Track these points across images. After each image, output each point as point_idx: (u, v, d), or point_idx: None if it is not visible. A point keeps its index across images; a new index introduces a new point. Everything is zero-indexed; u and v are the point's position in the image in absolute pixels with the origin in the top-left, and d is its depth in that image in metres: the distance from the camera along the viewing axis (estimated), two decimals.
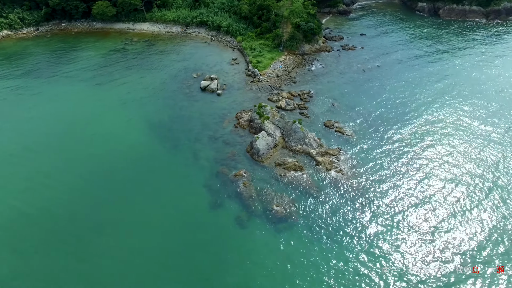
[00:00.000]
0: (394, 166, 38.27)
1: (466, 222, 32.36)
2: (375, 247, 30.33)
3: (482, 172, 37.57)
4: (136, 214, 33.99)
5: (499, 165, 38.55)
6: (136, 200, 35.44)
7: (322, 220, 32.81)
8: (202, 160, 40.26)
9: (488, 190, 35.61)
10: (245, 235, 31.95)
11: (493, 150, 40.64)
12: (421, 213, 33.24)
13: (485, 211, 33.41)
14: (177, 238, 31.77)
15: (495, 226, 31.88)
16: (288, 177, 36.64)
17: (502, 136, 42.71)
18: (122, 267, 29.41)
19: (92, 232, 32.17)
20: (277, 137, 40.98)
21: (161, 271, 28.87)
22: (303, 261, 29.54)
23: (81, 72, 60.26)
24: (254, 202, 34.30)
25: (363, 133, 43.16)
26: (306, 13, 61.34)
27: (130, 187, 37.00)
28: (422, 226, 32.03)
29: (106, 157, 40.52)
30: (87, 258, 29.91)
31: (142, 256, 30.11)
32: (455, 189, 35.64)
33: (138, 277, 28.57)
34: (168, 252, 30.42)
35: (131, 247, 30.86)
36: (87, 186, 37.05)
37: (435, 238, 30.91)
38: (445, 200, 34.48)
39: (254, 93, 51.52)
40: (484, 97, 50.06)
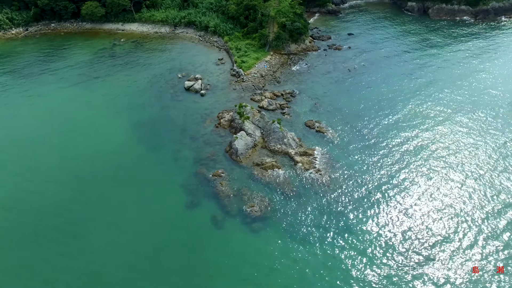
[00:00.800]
0: (374, 167, 38.15)
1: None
2: (352, 246, 30.29)
3: (471, 167, 37.68)
4: (112, 213, 34.03)
5: (488, 158, 38.81)
6: (114, 199, 35.49)
7: (297, 219, 32.81)
8: (182, 160, 40.31)
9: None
10: (220, 235, 31.94)
11: (478, 142, 41.09)
12: (399, 213, 33.29)
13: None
14: (151, 237, 31.75)
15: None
16: (265, 177, 36.63)
17: (482, 129, 43.04)
18: (97, 265, 29.39)
19: (69, 230, 32.17)
20: (256, 137, 41.00)
21: (134, 270, 28.86)
22: (278, 261, 29.52)
23: (67, 72, 60.30)
24: (230, 202, 34.32)
25: (344, 133, 43.14)
26: (292, 13, 61.33)
27: (109, 186, 37.04)
28: (404, 225, 32.08)
29: (87, 156, 40.59)
30: (64, 255, 29.98)
31: (115, 255, 30.08)
32: (443, 188, 35.56)
33: (111, 275, 28.57)
34: (141, 251, 30.38)
35: (106, 246, 30.83)
36: (65, 183, 37.16)
37: (423, 238, 30.89)
38: (431, 200, 34.45)
39: (238, 93, 51.54)
40: (467, 94, 50.13)
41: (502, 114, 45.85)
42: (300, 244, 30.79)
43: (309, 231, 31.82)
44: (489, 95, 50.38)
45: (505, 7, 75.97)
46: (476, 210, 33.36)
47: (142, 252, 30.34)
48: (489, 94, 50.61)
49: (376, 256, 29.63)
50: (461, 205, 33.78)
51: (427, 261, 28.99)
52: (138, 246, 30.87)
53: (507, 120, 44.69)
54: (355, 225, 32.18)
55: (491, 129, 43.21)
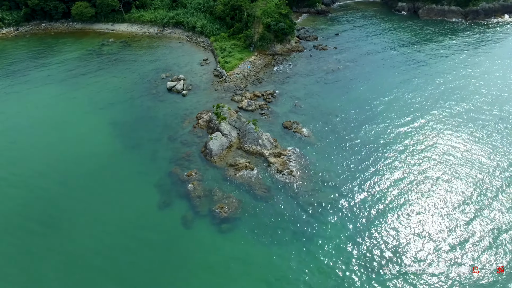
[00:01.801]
0: (349, 169, 38.06)
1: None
2: (321, 250, 30.15)
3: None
4: (86, 211, 34.27)
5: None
6: (88, 197, 35.78)
7: (266, 221, 32.84)
8: (159, 160, 40.53)
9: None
10: (189, 235, 32.11)
11: (456, 134, 41.94)
12: (374, 215, 33.11)
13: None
14: (122, 236, 31.91)
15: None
16: (238, 177, 36.76)
17: (460, 123, 43.53)
18: (66, 263, 29.62)
19: (41, 229, 32.47)
20: (232, 137, 41.14)
21: (101, 267, 29.10)
22: (244, 261, 29.63)
23: (54, 71, 60.80)
24: (201, 203, 34.46)
25: (321, 134, 43.13)
26: (278, 13, 61.36)
27: (85, 184, 37.33)
28: (379, 226, 32.04)
29: (65, 154, 41.05)
30: (32, 254, 30.29)
31: (84, 254, 30.28)
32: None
33: (80, 271, 28.89)
34: (110, 250, 30.57)
35: (76, 244, 31.13)
36: (39, 182, 37.43)
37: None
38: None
39: (219, 93, 51.70)
40: (453, 96, 50.01)
41: (477, 108, 46.23)
42: (266, 246, 30.80)
43: (277, 233, 31.81)
44: (470, 91, 50.55)
45: (495, 8, 75.57)
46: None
47: (111, 250, 30.56)
48: (470, 91, 50.75)
49: (348, 260, 29.32)
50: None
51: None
52: (107, 243, 31.09)
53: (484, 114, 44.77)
54: (325, 228, 32.04)
55: (469, 124, 43.55)
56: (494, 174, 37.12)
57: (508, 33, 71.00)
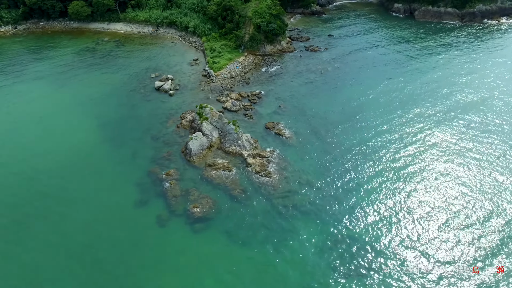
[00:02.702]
0: (327, 171, 37.88)
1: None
2: (294, 251, 30.06)
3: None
4: (64, 207, 34.70)
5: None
6: (68, 194, 36.20)
7: (240, 222, 32.92)
8: (140, 158, 40.86)
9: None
10: (163, 234, 32.32)
11: (443, 138, 41.94)
12: (353, 217, 32.97)
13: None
14: (97, 233, 32.24)
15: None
16: (215, 178, 36.91)
17: (442, 126, 43.20)
18: (40, 254, 30.14)
19: (11, 225, 32.88)
20: (213, 138, 41.31)
21: (74, 262, 29.43)
22: (215, 261, 29.73)
23: (46, 69, 61.69)
24: (176, 202, 34.67)
25: (303, 136, 43.05)
26: (269, 14, 61.36)
27: (66, 181, 37.77)
28: (357, 228, 31.98)
29: (45, 152, 41.55)
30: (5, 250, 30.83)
31: (58, 247, 30.69)
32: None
33: (51, 266, 29.30)
34: (81, 247, 30.83)
35: (52, 238, 31.55)
36: (14, 178, 37.96)
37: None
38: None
39: (205, 93, 51.92)
40: (438, 101, 49.55)
41: (460, 107, 45.66)
42: (238, 247, 30.89)
43: (250, 234, 31.85)
44: (461, 95, 49.99)
45: (492, 10, 74.50)
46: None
47: (82, 247, 30.82)
48: (461, 95, 50.18)
49: (318, 263, 29.12)
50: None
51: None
52: (78, 240, 31.38)
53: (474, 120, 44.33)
54: (298, 230, 31.89)
55: (452, 123, 43.19)
56: (484, 169, 37.22)
57: (505, 35, 70.03)
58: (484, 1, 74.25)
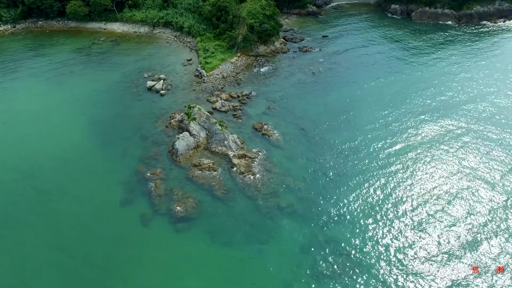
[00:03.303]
0: (313, 173, 37.78)
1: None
2: (275, 252, 30.14)
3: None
4: (50, 204, 35.22)
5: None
6: (55, 192, 36.69)
7: (222, 221, 33.11)
8: (128, 157, 41.24)
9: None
10: (145, 233, 32.63)
11: (427, 138, 41.78)
12: (336, 218, 32.99)
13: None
14: (78, 231, 32.63)
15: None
16: (200, 178, 37.14)
17: (427, 131, 42.55)
18: (24, 249, 30.74)
19: (4, 221, 33.50)
20: (201, 138, 41.55)
21: (53, 262, 29.80)
22: (195, 261, 29.96)
23: (41, 68, 62.43)
24: (160, 201, 34.98)
25: (291, 137, 43.06)
26: (262, 14, 61.46)
27: (54, 179, 38.30)
28: (339, 230, 31.93)
29: (39, 150, 42.13)
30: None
31: (42, 243, 31.19)
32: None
33: (29, 267, 29.59)
34: (65, 244, 31.29)
35: (36, 233, 32.13)
36: (11, 176, 38.60)
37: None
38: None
39: (196, 94, 52.18)
40: (428, 102, 49.25)
41: (450, 109, 45.36)
42: (219, 247, 31.00)
43: (231, 234, 31.99)
44: (454, 100, 49.64)
45: (489, 11, 73.84)
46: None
47: (65, 243, 31.28)
48: (454, 100, 49.84)
49: (298, 265, 29.13)
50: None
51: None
52: (62, 237, 31.88)
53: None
54: (280, 232, 31.92)
55: (441, 127, 42.97)
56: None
57: (502, 37, 69.38)
58: (481, 3, 73.65)
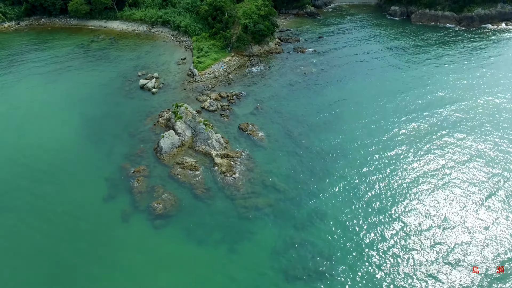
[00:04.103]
0: (294, 174, 37.80)
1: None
2: (247, 251, 30.55)
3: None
4: (34, 199, 36.07)
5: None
6: (40, 187, 37.60)
7: (200, 220, 33.57)
8: (115, 154, 42.00)
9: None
10: (124, 228, 33.31)
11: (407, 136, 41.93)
12: (315, 219, 33.06)
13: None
14: (63, 226, 33.46)
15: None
16: (182, 176, 37.63)
17: (411, 132, 42.28)
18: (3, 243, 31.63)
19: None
20: (186, 136, 42.03)
21: (29, 255, 30.69)
22: (170, 258, 30.53)
23: (40, 64, 63.78)
24: (141, 198, 35.59)
25: (276, 138, 43.17)
26: (257, 15, 61.61)
27: (40, 174, 39.22)
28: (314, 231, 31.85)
29: (28, 146, 43.19)
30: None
31: (15, 240, 32.02)
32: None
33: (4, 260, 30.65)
34: (44, 237, 32.14)
35: (18, 226, 33.03)
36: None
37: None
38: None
39: (187, 92, 52.71)
40: (418, 106, 48.72)
41: (441, 116, 44.79)
42: (195, 245, 31.49)
43: (208, 233, 32.41)
44: (440, 106, 48.99)
45: (491, 14, 72.35)
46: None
47: (44, 237, 32.13)
48: (440, 106, 49.18)
49: (271, 265, 29.34)
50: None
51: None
52: (42, 231, 32.71)
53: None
54: (255, 232, 32.15)
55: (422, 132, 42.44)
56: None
57: (503, 40, 67.96)
58: (483, 5, 72.20)
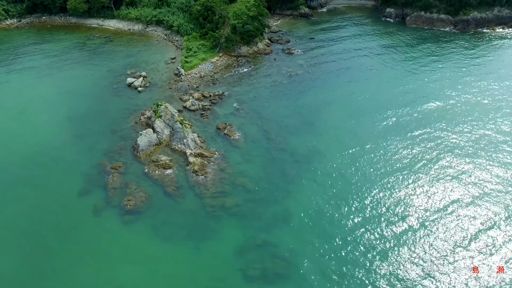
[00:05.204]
0: (265, 175, 38.05)
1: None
2: (211, 249, 31.08)
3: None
4: (9, 193, 37.17)
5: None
6: (18, 182, 38.60)
7: (168, 217, 34.30)
8: (95, 151, 43.04)
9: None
10: (95, 223, 34.15)
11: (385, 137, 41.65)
12: (284, 220, 33.62)
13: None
14: (37, 219, 34.49)
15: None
16: (155, 174, 38.52)
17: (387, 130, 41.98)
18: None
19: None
20: (164, 135, 42.89)
21: (5, 247, 31.88)
22: (135, 253, 31.26)
23: (35, 60, 65.48)
24: (114, 194, 36.52)
25: (252, 138, 43.58)
26: (246, 15, 62.05)
27: (19, 171, 40.13)
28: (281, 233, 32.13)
29: (11, 140, 44.48)
30: None
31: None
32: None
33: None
34: (15, 230, 33.29)
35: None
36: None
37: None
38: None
39: (171, 92, 53.59)
40: (401, 109, 48.46)
41: (420, 119, 44.42)
42: (160, 241, 32.12)
43: (174, 230, 33.03)
44: (426, 104, 48.79)
45: (487, 18, 71.04)
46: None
47: (16, 229, 33.22)
48: (426, 104, 48.99)
49: (234, 265, 29.71)
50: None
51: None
52: (22, 223, 33.83)
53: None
54: (221, 231, 32.62)
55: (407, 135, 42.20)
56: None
57: (498, 45, 66.69)
58: (479, 9, 70.94)
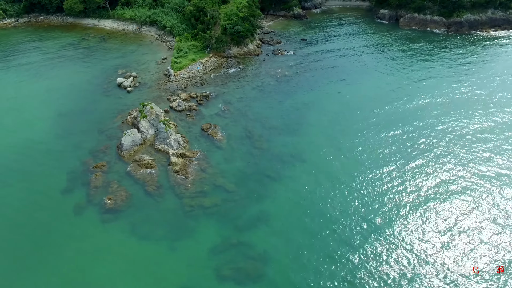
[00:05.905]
0: (245, 177, 38.45)
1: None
2: (188, 248, 31.54)
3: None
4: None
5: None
6: (5, 174, 39.59)
7: (147, 216, 34.85)
8: (81, 149, 43.77)
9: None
10: (75, 221, 34.82)
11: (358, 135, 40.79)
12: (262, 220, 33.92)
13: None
14: (19, 216, 35.25)
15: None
16: (137, 173, 39.07)
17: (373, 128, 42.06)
18: None
19: None
20: (149, 135, 43.45)
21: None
22: (114, 251, 31.88)
23: (29, 59, 66.54)
24: (96, 192, 37.17)
25: (236, 139, 43.95)
26: (237, 16, 62.40)
27: (7, 164, 41.11)
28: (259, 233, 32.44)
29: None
30: None
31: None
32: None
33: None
34: (3, 226, 34.10)
35: None
36: None
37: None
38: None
39: (160, 92, 54.16)
40: (386, 112, 48.48)
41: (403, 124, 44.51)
42: (138, 240, 32.62)
43: (152, 229, 33.56)
44: (409, 107, 48.69)
45: (481, 20, 70.64)
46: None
47: (1, 224, 34.21)
48: (410, 106, 48.88)
49: (211, 264, 30.06)
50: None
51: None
52: (2, 220, 34.78)
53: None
54: (198, 231, 33.10)
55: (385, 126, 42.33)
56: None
57: (490, 47, 66.32)
58: (473, 11, 70.56)
